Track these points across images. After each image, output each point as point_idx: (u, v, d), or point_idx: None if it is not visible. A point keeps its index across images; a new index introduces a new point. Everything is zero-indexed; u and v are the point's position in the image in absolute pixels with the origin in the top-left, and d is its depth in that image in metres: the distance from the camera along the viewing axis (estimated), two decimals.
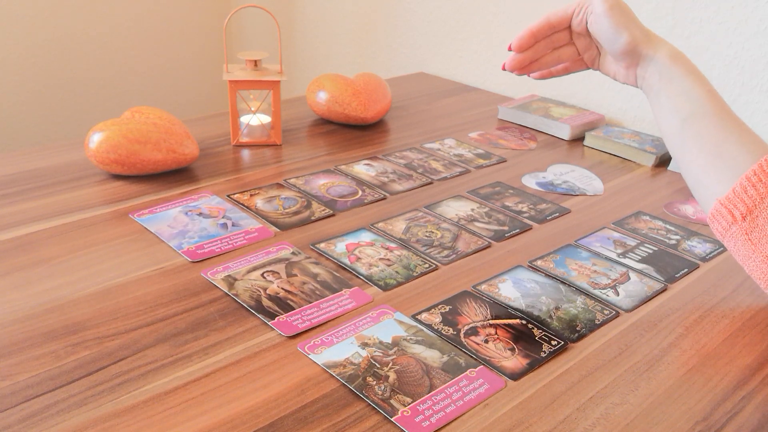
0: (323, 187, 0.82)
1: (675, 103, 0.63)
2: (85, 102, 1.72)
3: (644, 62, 0.66)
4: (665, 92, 0.64)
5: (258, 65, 0.90)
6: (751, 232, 0.56)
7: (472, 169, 0.91)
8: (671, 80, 0.63)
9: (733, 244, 0.58)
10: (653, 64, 0.65)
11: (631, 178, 0.90)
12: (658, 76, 0.64)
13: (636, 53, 0.65)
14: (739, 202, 0.57)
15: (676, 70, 0.63)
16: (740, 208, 0.57)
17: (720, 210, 0.58)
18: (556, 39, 0.71)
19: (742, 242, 0.57)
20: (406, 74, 1.40)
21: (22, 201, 0.75)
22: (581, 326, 0.58)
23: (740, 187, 0.57)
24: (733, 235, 0.58)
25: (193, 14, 1.84)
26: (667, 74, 0.64)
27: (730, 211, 0.57)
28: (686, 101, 0.62)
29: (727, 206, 0.57)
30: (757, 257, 0.56)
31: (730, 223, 0.58)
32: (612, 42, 0.66)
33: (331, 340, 0.55)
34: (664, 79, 0.64)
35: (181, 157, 0.82)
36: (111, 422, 0.45)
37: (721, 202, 0.58)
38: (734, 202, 0.57)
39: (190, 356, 0.52)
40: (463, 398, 0.49)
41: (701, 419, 0.48)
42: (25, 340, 0.53)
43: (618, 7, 0.65)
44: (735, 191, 0.57)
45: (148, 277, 0.62)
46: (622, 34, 0.65)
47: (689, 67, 0.64)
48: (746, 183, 0.56)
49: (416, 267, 0.66)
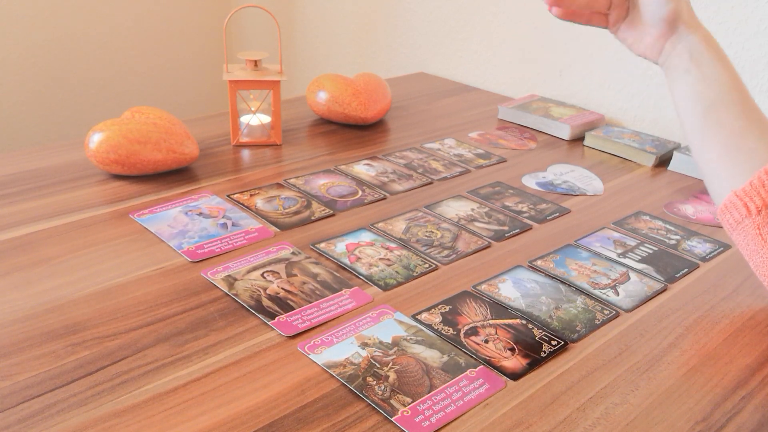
0: (323, 187, 0.82)
1: (701, 88, 0.62)
2: (85, 102, 1.72)
3: (677, 37, 0.64)
4: (693, 74, 0.62)
5: (258, 65, 0.90)
6: (763, 227, 0.56)
7: (472, 169, 0.91)
8: (701, 64, 0.62)
9: (743, 237, 0.58)
10: (686, 41, 0.63)
11: (631, 178, 0.90)
12: (688, 56, 0.63)
13: (674, 25, 0.63)
14: (756, 195, 0.56)
15: (708, 54, 0.62)
16: (756, 201, 0.56)
17: (734, 202, 0.58)
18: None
19: (752, 237, 0.57)
20: (406, 74, 1.40)
21: (22, 201, 0.75)
22: (581, 326, 0.58)
23: (758, 180, 0.56)
24: (745, 229, 0.57)
25: (193, 14, 1.84)
26: (698, 56, 0.62)
27: (745, 204, 0.57)
28: (712, 88, 0.61)
29: (742, 198, 0.57)
30: (766, 253, 0.56)
31: (744, 216, 0.57)
32: (659, 4, 0.63)
33: (331, 340, 0.55)
34: (694, 61, 0.62)
35: (181, 157, 0.82)
36: (111, 422, 0.45)
37: (737, 194, 0.57)
38: (750, 194, 0.56)
39: (190, 356, 0.52)
40: (463, 398, 0.49)
41: (701, 419, 0.48)
42: (25, 340, 0.53)
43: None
44: (752, 184, 0.56)
45: (148, 277, 0.62)
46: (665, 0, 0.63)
47: (720, 53, 0.62)
48: (764, 176, 0.56)
49: (416, 267, 0.66)
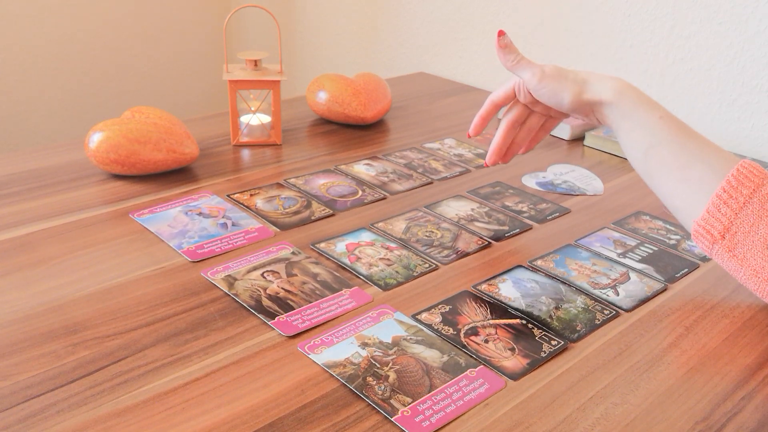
0: (323, 186, 0.82)
1: (633, 138, 0.63)
2: (85, 102, 1.72)
3: (596, 107, 0.66)
4: (622, 129, 0.64)
5: (258, 65, 0.90)
6: (734, 248, 0.57)
7: (472, 168, 0.91)
8: (623, 117, 0.64)
9: (720, 260, 0.59)
10: (603, 107, 0.65)
11: (631, 178, 0.90)
12: (612, 117, 0.65)
13: (584, 103, 0.66)
14: (715, 221, 0.57)
15: (624, 105, 0.63)
16: (717, 228, 0.57)
17: (699, 231, 0.59)
18: (516, 117, 0.72)
19: (727, 259, 0.58)
20: (406, 74, 1.40)
21: (22, 201, 0.75)
22: (581, 326, 0.58)
23: (713, 206, 0.57)
24: (718, 253, 0.58)
25: (193, 14, 1.84)
26: (618, 112, 0.64)
27: (709, 232, 0.58)
28: (643, 133, 0.62)
29: (704, 227, 0.58)
30: (746, 271, 0.56)
31: (712, 243, 0.58)
32: (558, 105, 0.67)
33: (331, 340, 0.55)
34: (617, 118, 0.64)
35: (181, 157, 0.82)
36: (111, 422, 0.45)
37: (698, 223, 0.58)
38: (710, 222, 0.57)
39: (190, 356, 0.52)
40: (463, 398, 0.49)
41: (701, 419, 0.48)
42: (25, 340, 0.53)
43: (548, 76, 0.66)
44: (709, 211, 0.57)
45: (147, 277, 0.62)
46: (562, 97, 0.66)
47: (637, 98, 0.64)
48: (718, 201, 0.56)
49: (416, 267, 0.66)
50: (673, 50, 1.02)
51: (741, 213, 0.56)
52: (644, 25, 1.05)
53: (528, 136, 0.75)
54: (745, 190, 0.56)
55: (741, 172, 0.56)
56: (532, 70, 0.67)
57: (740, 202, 0.56)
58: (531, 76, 0.67)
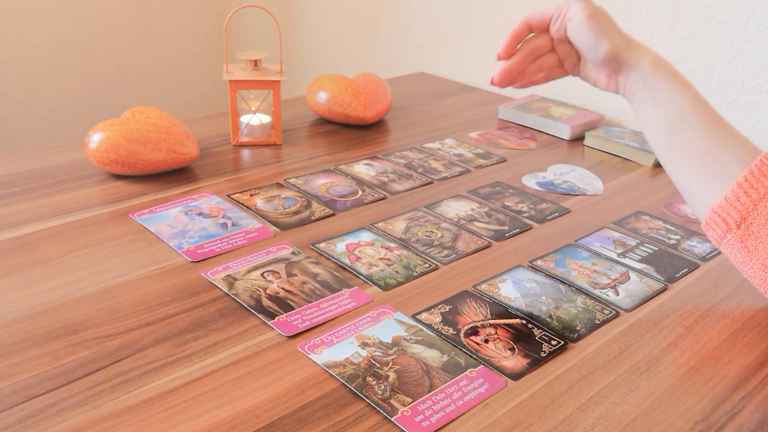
0: (323, 186, 0.82)
1: (660, 111, 0.62)
2: (85, 102, 1.72)
3: (626, 70, 0.64)
4: (650, 100, 0.63)
5: (258, 65, 0.90)
6: (747, 239, 0.56)
7: (472, 168, 0.91)
8: (654, 88, 0.62)
9: (729, 251, 0.58)
10: (635, 71, 0.63)
11: (631, 178, 0.90)
12: (641, 84, 0.63)
13: (617, 61, 0.64)
14: (732, 209, 0.56)
15: (659, 77, 0.62)
16: (734, 216, 0.56)
17: (713, 218, 0.57)
18: (538, 46, 0.70)
19: (738, 250, 0.57)
20: (406, 74, 1.40)
21: (22, 201, 0.75)
22: (581, 326, 0.58)
23: (732, 194, 0.56)
24: (729, 243, 0.57)
25: (193, 14, 1.84)
26: (651, 82, 0.62)
27: (724, 220, 0.57)
28: (671, 109, 0.61)
29: (720, 214, 0.57)
30: (755, 264, 0.56)
31: (725, 231, 0.57)
32: (592, 50, 0.65)
33: (331, 339, 0.55)
34: (647, 87, 0.63)
35: (181, 157, 0.82)
36: (111, 422, 0.45)
37: (714, 210, 0.57)
38: (727, 210, 0.56)
39: (190, 356, 0.52)
40: (463, 398, 0.49)
41: (701, 419, 0.48)
42: (25, 340, 0.53)
43: (598, 14, 0.64)
44: (727, 199, 0.56)
45: (147, 277, 0.62)
46: (602, 42, 0.64)
47: (672, 73, 0.62)
48: (738, 190, 0.55)
49: (416, 267, 0.66)
50: (673, 50, 1.02)
51: (760, 204, 0.55)
52: (644, 25, 1.05)
53: (534, 71, 0.71)
54: (767, 182, 0.55)
55: (765, 164, 0.55)
56: (585, 2, 0.64)
57: (761, 193, 0.55)
58: (581, 9, 0.64)
